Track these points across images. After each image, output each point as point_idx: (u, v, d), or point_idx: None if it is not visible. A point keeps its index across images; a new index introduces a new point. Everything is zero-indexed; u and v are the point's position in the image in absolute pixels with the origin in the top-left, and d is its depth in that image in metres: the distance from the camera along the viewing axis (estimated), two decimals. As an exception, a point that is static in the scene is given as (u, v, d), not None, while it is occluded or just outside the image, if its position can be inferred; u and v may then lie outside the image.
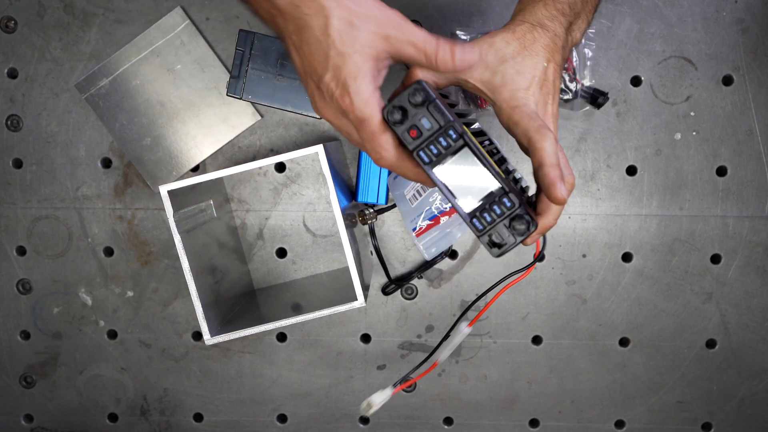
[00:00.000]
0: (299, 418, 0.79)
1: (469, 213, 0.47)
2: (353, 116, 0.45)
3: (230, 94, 0.72)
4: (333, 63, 0.44)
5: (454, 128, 0.46)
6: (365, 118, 0.45)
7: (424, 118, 0.46)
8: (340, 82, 0.44)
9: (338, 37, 0.44)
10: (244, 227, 0.76)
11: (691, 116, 0.73)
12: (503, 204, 0.46)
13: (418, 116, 0.46)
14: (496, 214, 0.47)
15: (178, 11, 0.72)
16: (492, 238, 0.47)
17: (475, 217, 0.47)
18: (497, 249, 0.47)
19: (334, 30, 0.43)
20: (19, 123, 0.75)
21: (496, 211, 0.47)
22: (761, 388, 0.76)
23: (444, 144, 0.46)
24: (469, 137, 0.46)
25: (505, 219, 0.46)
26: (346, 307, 0.60)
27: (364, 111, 0.45)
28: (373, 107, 0.45)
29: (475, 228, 0.47)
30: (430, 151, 0.47)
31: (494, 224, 0.47)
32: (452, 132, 0.46)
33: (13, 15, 0.73)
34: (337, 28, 0.43)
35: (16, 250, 0.77)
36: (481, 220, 0.47)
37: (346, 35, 0.44)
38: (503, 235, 0.46)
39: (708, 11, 0.71)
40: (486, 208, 0.47)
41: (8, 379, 0.79)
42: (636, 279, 0.75)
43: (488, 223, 0.47)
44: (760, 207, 0.73)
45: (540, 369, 0.77)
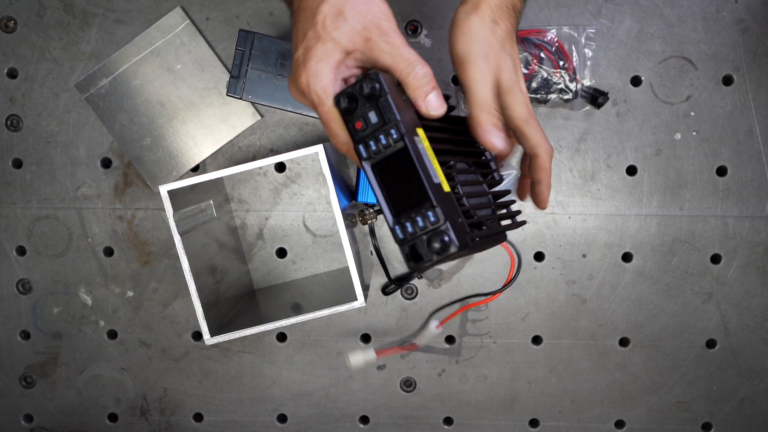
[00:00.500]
0: (299, 418, 0.79)
1: (395, 218, 0.44)
2: (309, 98, 0.46)
3: (230, 94, 0.72)
4: (307, 42, 0.46)
5: (398, 128, 0.44)
6: (320, 103, 0.46)
7: (372, 111, 0.44)
8: (304, 61, 0.46)
9: (321, 21, 0.45)
10: (244, 227, 0.76)
11: (691, 116, 0.73)
12: (427, 217, 0.43)
13: (368, 108, 0.45)
14: (418, 227, 0.43)
15: (178, 11, 0.72)
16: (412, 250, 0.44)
17: (399, 225, 0.44)
18: (413, 263, 0.43)
19: (321, 14, 0.45)
20: (19, 123, 0.75)
21: (419, 223, 0.43)
22: (761, 388, 0.76)
23: (384, 142, 0.44)
24: (412, 140, 0.44)
25: (424, 234, 0.43)
26: (346, 307, 0.60)
27: (319, 95, 0.46)
28: (328, 91, 0.46)
29: (396, 236, 0.44)
30: (369, 146, 0.45)
31: (414, 237, 0.43)
32: (394, 131, 0.44)
33: (13, 15, 0.73)
34: (325, 12, 0.45)
35: (16, 250, 0.77)
36: (404, 228, 0.44)
37: (330, 22, 0.45)
38: (422, 250, 0.43)
39: (708, 11, 0.71)
40: (412, 217, 0.43)
41: (8, 379, 0.79)
42: (636, 279, 0.75)
43: (409, 235, 0.44)
44: (760, 207, 0.73)
45: (540, 369, 0.77)
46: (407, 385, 0.78)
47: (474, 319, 0.76)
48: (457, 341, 0.77)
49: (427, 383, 0.78)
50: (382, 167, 0.45)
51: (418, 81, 0.45)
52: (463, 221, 0.45)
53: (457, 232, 0.43)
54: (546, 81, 0.70)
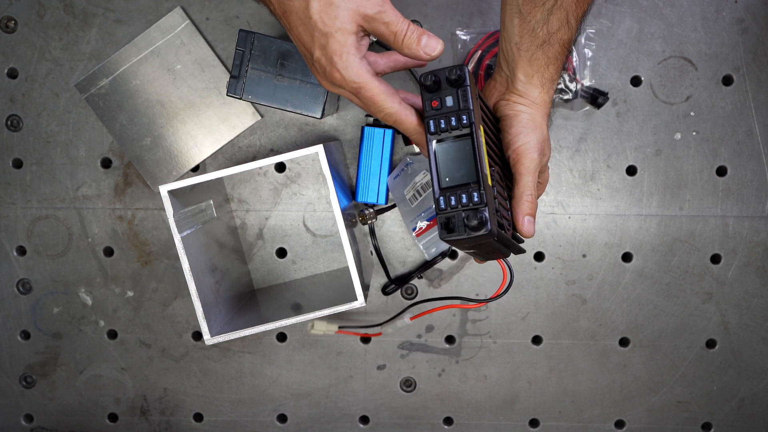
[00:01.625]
0: (299, 418, 0.79)
1: (442, 189, 0.49)
2: (349, 87, 0.50)
3: (230, 94, 0.72)
4: (319, 42, 0.48)
5: (469, 116, 0.48)
6: (360, 87, 0.49)
7: (451, 96, 0.49)
8: (328, 60, 0.49)
9: (319, 18, 0.47)
10: (244, 227, 0.76)
11: (691, 116, 0.73)
12: (471, 196, 0.48)
13: (447, 92, 0.49)
14: (461, 202, 0.48)
15: (178, 11, 0.72)
16: (448, 221, 0.48)
17: (443, 196, 0.49)
18: (446, 232, 0.48)
19: (314, 12, 0.47)
20: (19, 123, 0.75)
21: (462, 198, 0.48)
22: (761, 388, 0.76)
23: (453, 124, 0.49)
24: (478, 131, 0.49)
25: (464, 210, 0.48)
26: (346, 307, 0.60)
27: (357, 81, 0.49)
28: (364, 75, 0.49)
29: (438, 205, 0.49)
30: (439, 124, 0.49)
31: (455, 209, 0.48)
32: (465, 118, 0.49)
33: (13, 15, 0.73)
34: (317, 9, 0.47)
35: (16, 250, 0.77)
36: (447, 200, 0.48)
37: (326, 15, 0.47)
38: (456, 224, 0.48)
39: (708, 11, 0.71)
40: (457, 193, 0.48)
41: (8, 379, 0.79)
42: (636, 279, 0.75)
43: (450, 207, 0.48)
44: (760, 207, 0.73)
45: (540, 369, 0.77)
46: (407, 385, 0.78)
47: (474, 319, 0.76)
48: (457, 341, 0.77)
49: (427, 383, 0.78)
50: (445, 144, 0.50)
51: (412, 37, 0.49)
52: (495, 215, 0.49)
53: (491, 218, 0.47)
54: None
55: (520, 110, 0.56)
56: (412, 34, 0.48)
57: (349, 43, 0.48)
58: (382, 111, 0.51)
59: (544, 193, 0.74)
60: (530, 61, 0.55)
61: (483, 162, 0.49)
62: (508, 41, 0.56)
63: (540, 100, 0.57)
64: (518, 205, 0.54)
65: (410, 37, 0.48)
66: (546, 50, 0.55)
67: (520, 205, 0.54)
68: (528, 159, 0.54)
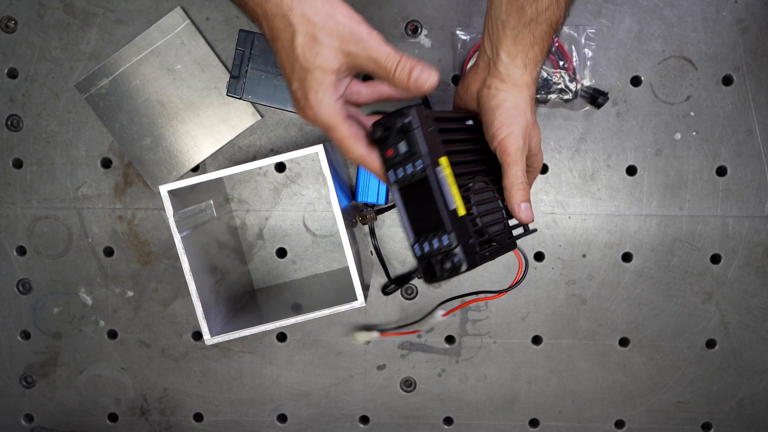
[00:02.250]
0: (299, 418, 0.79)
1: (415, 237, 0.50)
2: (319, 124, 0.50)
3: (230, 94, 0.72)
4: (298, 75, 0.48)
5: (422, 160, 0.49)
6: (329, 127, 0.50)
7: (403, 142, 0.49)
8: (303, 94, 0.49)
9: (302, 53, 0.47)
10: (244, 227, 0.76)
11: (691, 116, 0.73)
12: (442, 241, 0.48)
13: (398, 139, 0.49)
14: (434, 248, 0.49)
15: (178, 11, 0.72)
16: (428, 266, 0.49)
17: (418, 243, 0.50)
18: (428, 277, 0.49)
19: (298, 45, 0.47)
20: (19, 123, 0.75)
21: (434, 244, 0.49)
22: (761, 387, 0.76)
23: (410, 171, 0.49)
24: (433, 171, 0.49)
25: (439, 254, 0.49)
26: (346, 307, 0.60)
27: (327, 121, 0.49)
28: (334, 117, 0.49)
29: (414, 253, 0.50)
30: (398, 172, 0.50)
31: (430, 256, 0.49)
32: (420, 163, 0.49)
33: (13, 15, 0.73)
34: (302, 43, 0.47)
35: (16, 250, 0.77)
36: (421, 247, 0.49)
37: (308, 51, 0.47)
38: (436, 268, 0.49)
39: (708, 11, 0.71)
40: (429, 238, 0.49)
41: (8, 379, 0.79)
42: (636, 279, 0.75)
43: (426, 253, 0.49)
44: (760, 207, 0.73)
45: (540, 369, 0.77)
46: (407, 385, 0.78)
47: (474, 319, 0.76)
48: (457, 341, 0.77)
49: (427, 383, 0.78)
50: (408, 192, 0.50)
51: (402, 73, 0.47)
52: (474, 242, 0.50)
53: (467, 254, 0.48)
54: (546, 81, 0.70)
55: (502, 99, 0.55)
56: (403, 69, 0.47)
57: (326, 82, 0.48)
58: (349, 154, 0.51)
59: (545, 193, 0.74)
60: (515, 40, 0.54)
61: (448, 198, 0.49)
62: (494, 19, 0.55)
63: (522, 81, 0.55)
64: (511, 196, 0.55)
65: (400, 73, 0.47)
66: (533, 29, 0.54)
67: (513, 195, 0.54)
68: (513, 149, 0.54)
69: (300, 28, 0.47)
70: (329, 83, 0.48)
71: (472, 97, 0.59)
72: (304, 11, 0.46)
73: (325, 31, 0.46)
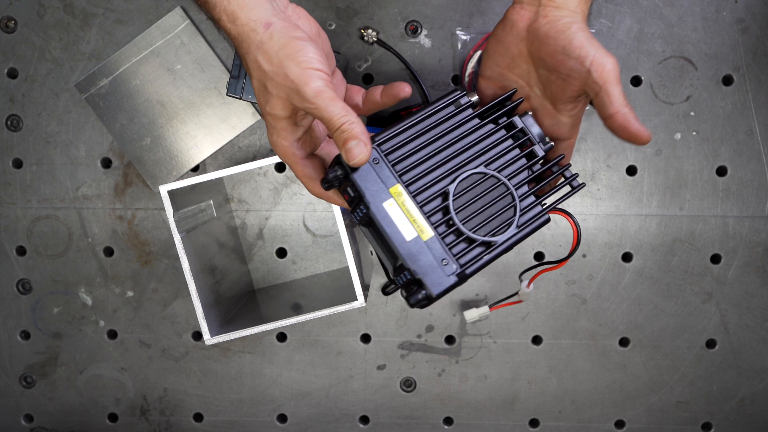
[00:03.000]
0: (299, 418, 0.79)
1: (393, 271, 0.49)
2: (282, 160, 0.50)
3: (230, 94, 0.72)
4: (261, 110, 0.49)
5: (364, 203, 0.47)
6: (287, 164, 0.50)
7: (350, 186, 0.48)
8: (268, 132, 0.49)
9: (258, 96, 0.47)
10: (244, 227, 0.76)
11: (691, 116, 0.73)
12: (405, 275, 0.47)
13: (345, 184, 0.49)
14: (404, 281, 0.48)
15: (178, 11, 0.72)
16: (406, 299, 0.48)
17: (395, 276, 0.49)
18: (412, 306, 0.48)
19: (256, 89, 0.47)
20: (19, 123, 0.75)
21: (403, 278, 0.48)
22: (761, 387, 0.77)
23: (362, 213, 0.48)
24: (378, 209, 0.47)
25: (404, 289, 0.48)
26: (346, 307, 0.60)
27: (284, 159, 0.49)
28: (289, 158, 0.49)
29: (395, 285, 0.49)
30: (356, 214, 0.49)
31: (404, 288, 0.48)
32: (362, 207, 0.48)
33: (13, 15, 0.73)
34: (257, 87, 0.47)
35: (16, 250, 0.77)
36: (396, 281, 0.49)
37: (261, 96, 0.47)
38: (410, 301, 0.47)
39: (708, 11, 0.71)
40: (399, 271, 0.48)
41: (8, 379, 0.79)
42: (636, 279, 0.75)
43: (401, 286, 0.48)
44: (760, 207, 0.74)
45: (540, 369, 0.77)
46: (407, 385, 0.78)
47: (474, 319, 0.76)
48: (457, 341, 0.77)
49: (427, 383, 0.78)
50: (371, 230, 0.49)
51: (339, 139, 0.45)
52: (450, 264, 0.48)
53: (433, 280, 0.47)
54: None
55: (570, 21, 0.48)
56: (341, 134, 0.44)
57: (278, 126, 0.47)
58: (310, 191, 0.51)
59: (544, 193, 0.74)
60: None
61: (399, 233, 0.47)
62: None
63: (580, 9, 0.49)
64: (628, 121, 0.47)
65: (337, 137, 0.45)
66: None
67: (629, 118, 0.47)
68: (611, 65, 0.46)
69: (254, 74, 0.46)
70: (281, 128, 0.47)
71: (519, 35, 0.51)
72: (257, 58, 0.46)
73: (273, 83, 0.45)
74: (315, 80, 0.44)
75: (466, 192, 0.50)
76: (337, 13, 0.72)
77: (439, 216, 0.49)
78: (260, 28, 0.46)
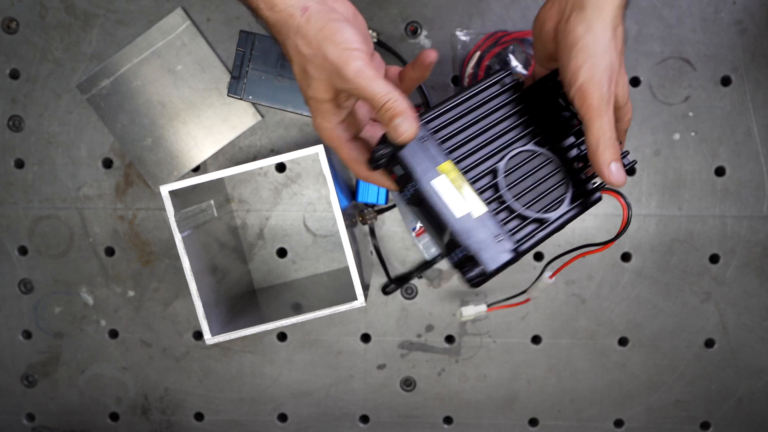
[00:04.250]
0: (299, 418, 0.79)
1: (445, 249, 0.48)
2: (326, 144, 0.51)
3: (231, 94, 0.72)
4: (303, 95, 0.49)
5: (413, 182, 0.47)
6: (333, 148, 0.50)
7: (397, 165, 0.48)
8: (312, 115, 0.50)
9: (299, 81, 0.48)
10: (244, 227, 0.76)
11: (690, 117, 0.73)
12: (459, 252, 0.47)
13: (392, 163, 0.48)
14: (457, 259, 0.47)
15: (179, 12, 0.73)
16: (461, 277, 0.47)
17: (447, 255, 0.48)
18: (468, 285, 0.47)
19: (297, 74, 0.47)
20: (21, 123, 0.75)
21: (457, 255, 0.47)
22: (760, 387, 0.77)
23: (412, 191, 0.48)
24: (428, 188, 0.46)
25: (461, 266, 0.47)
26: (346, 307, 0.61)
27: (329, 143, 0.50)
28: (333, 141, 0.50)
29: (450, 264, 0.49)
30: (404, 193, 0.49)
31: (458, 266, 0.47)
32: (411, 186, 0.47)
33: (15, 16, 0.73)
34: (297, 72, 0.47)
35: (17, 250, 0.77)
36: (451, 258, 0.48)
37: (302, 80, 0.47)
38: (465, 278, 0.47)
39: (706, 12, 0.72)
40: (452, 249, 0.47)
41: (10, 379, 0.79)
42: (635, 279, 0.75)
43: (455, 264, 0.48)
44: (759, 207, 0.74)
45: (539, 368, 0.77)
46: (407, 385, 0.78)
47: (473, 318, 0.76)
48: (456, 341, 0.77)
49: (426, 383, 0.78)
50: (421, 208, 0.48)
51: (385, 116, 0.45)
52: (504, 240, 0.46)
53: (487, 255, 0.45)
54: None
55: (580, 35, 0.46)
56: (386, 112, 0.44)
57: (321, 109, 0.48)
58: (357, 175, 0.51)
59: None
60: None
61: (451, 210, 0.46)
62: None
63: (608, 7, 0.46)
64: (596, 156, 0.45)
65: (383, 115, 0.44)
66: None
67: (599, 155, 0.45)
68: (595, 97, 0.45)
69: (294, 59, 0.47)
70: (325, 111, 0.48)
71: (549, 37, 0.50)
72: (297, 42, 0.46)
73: (314, 66, 0.45)
74: (355, 60, 0.44)
75: (515, 170, 0.49)
76: (337, 14, 0.72)
77: (489, 193, 0.48)
78: (297, 12, 0.46)
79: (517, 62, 0.71)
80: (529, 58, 0.71)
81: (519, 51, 0.71)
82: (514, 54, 0.71)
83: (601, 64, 0.45)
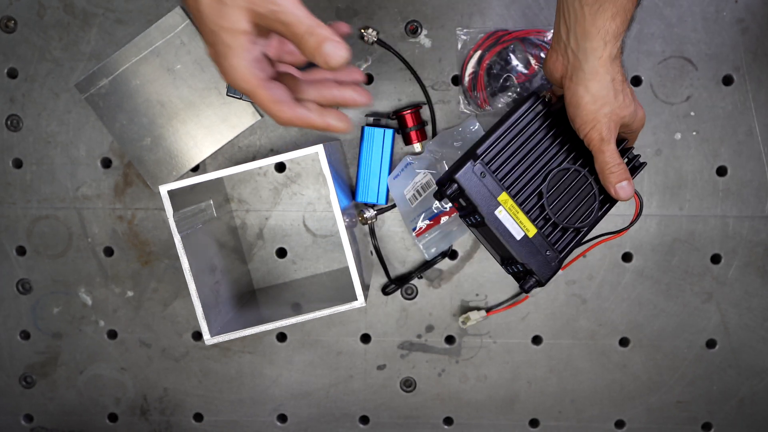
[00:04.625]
0: (299, 418, 0.79)
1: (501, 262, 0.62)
2: (240, 89, 0.46)
3: (230, 94, 0.72)
4: (208, 39, 0.45)
5: (478, 213, 0.58)
6: (248, 92, 0.45)
7: (460, 198, 0.58)
8: (216, 60, 0.45)
9: (208, 14, 0.43)
10: (244, 227, 0.76)
11: (691, 116, 0.73)
12: (517, 268, 0.60)
13: (456, 197, 0.58)
14: (515, 271, 0.60)
15: (177, 11, 0.72)
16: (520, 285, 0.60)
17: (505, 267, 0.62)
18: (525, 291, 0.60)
19: (204, 6, 0.43)
20: (19, 123, 0.75)
21: (515, 268, 0.60)
22: (761, 387, 0.77)
23: (475, 220, 0.59)
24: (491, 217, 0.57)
25: (518, 276, 0.60)
26: (346, 307, 0.60)
27: (243, 86, 0.45)
28: (250, 82, 0.45)
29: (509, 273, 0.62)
30: (468, 220, 0.61)
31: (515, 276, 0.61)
32: (476, 216, 0.58)
33: (13, 15, 0.73)
34: (206, 3, 0.43)
35: (16, 250, 0.77)
36: (508, 270, 0.62)
37: (214, 12, 0.43)
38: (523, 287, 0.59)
39: (708, 11, 0.71)
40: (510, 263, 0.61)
41: (8, 379, 0.79)
42: (636, 279, 0.75)
43: (512, 274, 0.61)
44: (760, 207, 0.74)
45: (540, 369, 0.77)
46: (407, 385, 0.78)
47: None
48: (457, 341, 0.77)
49: (427, 383, 0.78)
50: (482, 231, 0.61)
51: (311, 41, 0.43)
52: (551, 253, 0.59)
53: (542, 269, 0.59)
54: (546, 81, 0.70)
55: (581, 96, 0.55)
56: (311, 38, 0.42)
57: (236, 44, 0.44)
58: (276, 120, 0.47)
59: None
60: (594, 17, 0.52)
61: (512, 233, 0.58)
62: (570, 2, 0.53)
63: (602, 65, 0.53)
64: (605, 181, 0.58)
65: (309, 40, 0.42)
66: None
67: (604, 179, 0.58)
68: (597, 140, 0.56)
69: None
70: (239, 45, 0.44)
71: (558, 82, 0.59)
72: None
73: None
74: None
75: (555, 188, 0.59)
76: (337, 13, 0.72)
77: (537, 213, 0.59)
78: None
79: (517, 61, 0.71)
80: (529, 58, 0.71)
81: (519, 50, 0.71)
82: (514, 53, 0.71)
83: (603, 114, 0.55)
